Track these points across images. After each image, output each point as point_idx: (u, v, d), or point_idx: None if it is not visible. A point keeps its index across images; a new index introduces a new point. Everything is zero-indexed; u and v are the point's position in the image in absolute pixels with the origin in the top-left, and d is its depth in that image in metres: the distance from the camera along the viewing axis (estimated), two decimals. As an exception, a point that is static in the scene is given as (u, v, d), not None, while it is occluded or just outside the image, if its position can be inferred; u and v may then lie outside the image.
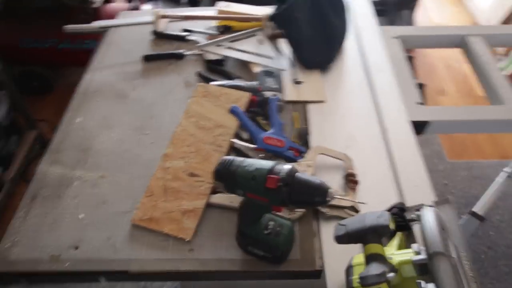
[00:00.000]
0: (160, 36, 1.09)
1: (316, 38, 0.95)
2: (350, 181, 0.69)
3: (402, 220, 0.58)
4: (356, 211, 0.66)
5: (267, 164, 0.53)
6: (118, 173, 0.75)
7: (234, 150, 0.76)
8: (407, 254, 0.49)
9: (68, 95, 1.08)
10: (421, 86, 0.98)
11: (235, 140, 0.76)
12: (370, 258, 0.47)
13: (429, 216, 0.48)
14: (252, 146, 0.75)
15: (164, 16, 1.11)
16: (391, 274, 0.44)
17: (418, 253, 0.48)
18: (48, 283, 0.67)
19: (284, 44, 1.00)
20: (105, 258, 0.62)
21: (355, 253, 0.53)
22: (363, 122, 0.84)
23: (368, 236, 0.48)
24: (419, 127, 0.85)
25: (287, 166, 0.52)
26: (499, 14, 2.39)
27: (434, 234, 0.46)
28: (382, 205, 0.65)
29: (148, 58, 1.01)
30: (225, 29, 1.08)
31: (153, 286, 1.45)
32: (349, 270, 0.52)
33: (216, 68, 0.97)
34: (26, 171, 1.72)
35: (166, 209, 0.67)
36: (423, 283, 0.44)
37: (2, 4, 1.74)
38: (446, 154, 1.86)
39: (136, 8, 2.05)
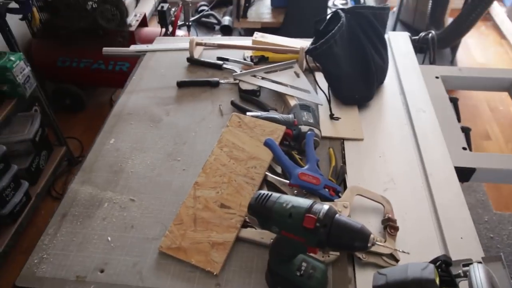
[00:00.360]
0: (194, 63, 1.14)
1: (355, 74, 0.97)
2: (389, 226, 0.69)
3: (447, 275, 0.57)
4: (396, 260, 0.65)
5: (305, 202, 0.54)
6: (148, 197, 0.78)
7: (267, 184, 0.78)
8: (453, 313, 0.48)
9: (97, 115, 1.16)
10: (465, 129, 0.98)
11: (269, 174, 0.78)
12: (412, 313, 0.47)
13: (478, 274, 0.48)
14: (286, 181, 0.76)
15: (199, 44, 1.17)
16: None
17: (465, 313, 0.48)
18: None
19: (321, 78, 1.03)
20: (130, 285, 0.64)
21: (394, 306, 0.52)
22: (404, 164, 0.84)
23: (411, 289, 0.48)
24: (464, 174, 0.85)
25: (326, 206, 0.53)
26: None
27: (485, 293, 0.45)
28: (423, 256, 0.64)
29: (182, 84, 1.06)
30: (260, 60, 1.13)
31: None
32: (387, 324, 0.51)
33: (250, 98, 1.01)
34: (52, 187, 1.80)
35: (194, 240, 0.68)
36: None
37: (43, 23, 1.91)
38: (492, 205, 1.80)
39: (170, 34, 2.18)
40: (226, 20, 2.79)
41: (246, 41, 1.20)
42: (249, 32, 2.08)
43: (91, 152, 0.88)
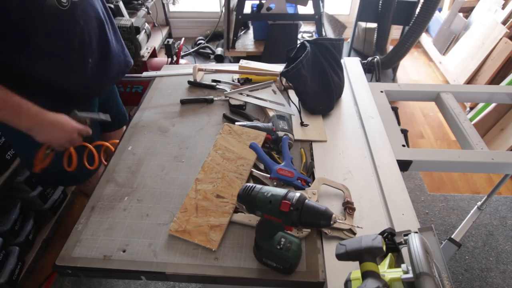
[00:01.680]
0: (194, 85, 1.13)
1: (319, 90, 0.98)
2: (348, 207, 0.69)
3: (392, 243, 0.58)
4: (353, 233, 0.66)
5: (281, 191, 0.54)
6: (159, 192, 0.77)
7: (253, 178, 0.77)
8: (397, 273, 0.49)
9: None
10: (404, 131, 0.99)
11: (254, 170, 0.78)
12: (366, 275, 0.47)
13: (415, 241, 0.49)
14: (267, 175, 0.76)
15: (200, 69, 1.17)
16: (384, 289, 0.44)
17: (406, 272, 0.48)
18: (99, 277, 0.66)
19: (293, 94, 1.03)
20: (147, 261, 0.63)
21: (353, 269, 0.52)
22: (358, 159, 0.84)
23: (364, 255, 0.48)
24: (404, 165, 0.85)
25: (298, 194, 0.53)
26: (465, 75, 2.45)
27: (420, 256, 0.46)
28: (375, 229, 0.66)
29: (184, 102, 1.05)
30: (245, 81, 1.13)
31: (180, 286, 1.41)
32: (347, 283, 0.51)
33: (238, 111, 1.00)
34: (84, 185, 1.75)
35: (196, 223, 0.67)
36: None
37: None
38: (427, 188, 1.83)
39: (174, 62, 2.16)
40: (219, 50, 2.79)
41: (235, 66, 1.20)
42: (237, 59, 2.08)
43: (114, 157, 0.87)
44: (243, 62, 1.17)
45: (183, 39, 2.25)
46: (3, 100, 0.67)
